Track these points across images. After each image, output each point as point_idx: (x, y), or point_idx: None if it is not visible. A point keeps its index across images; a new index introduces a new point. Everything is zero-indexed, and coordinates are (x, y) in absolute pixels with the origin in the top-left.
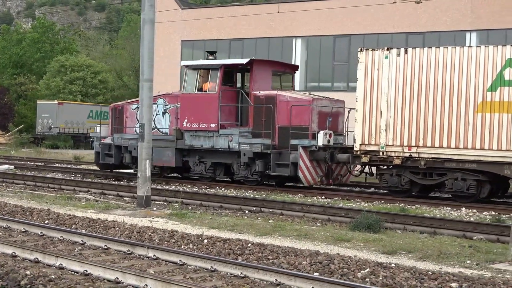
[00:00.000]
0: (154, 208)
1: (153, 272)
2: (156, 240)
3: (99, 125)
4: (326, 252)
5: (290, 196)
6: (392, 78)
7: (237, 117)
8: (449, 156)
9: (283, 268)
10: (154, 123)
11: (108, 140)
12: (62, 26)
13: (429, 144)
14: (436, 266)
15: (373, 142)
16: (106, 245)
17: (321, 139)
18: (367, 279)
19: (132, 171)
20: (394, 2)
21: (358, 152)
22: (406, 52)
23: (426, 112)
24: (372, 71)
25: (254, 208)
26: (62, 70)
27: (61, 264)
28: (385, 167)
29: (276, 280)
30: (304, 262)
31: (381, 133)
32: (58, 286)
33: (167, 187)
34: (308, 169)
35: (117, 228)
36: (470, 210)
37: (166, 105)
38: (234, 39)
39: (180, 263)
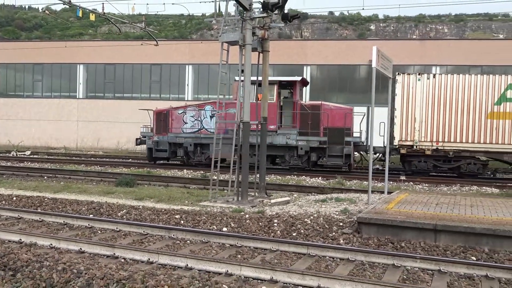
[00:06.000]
0: None
1: None
2: None
3: (144, 126)
4: (98, 201)
5: (76, 166)
6: (423, 94)
7: (292, 120)
8: (466, 148)
9: (68, 213)
10: (202, 125)
11: (155, 138)
12: None
13: (452, 140)
14: (167, 206)
15: (409, 139)
16: None
17: (363, 137)
18: (124, 217)
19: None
20: (141, 44)
21: (397, 146)
22: (434, 76)
23: (450, 118)
24: (408, 89)
25: (51, 175)
26: None
27: None
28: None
29: (64, 221)
30: (83, 209)
31: (415, 132)
32: None
33: None
34: (353, 158)
35: None
36: (189, 171)
37: (214, 111)
38: (36, 63)
39: None
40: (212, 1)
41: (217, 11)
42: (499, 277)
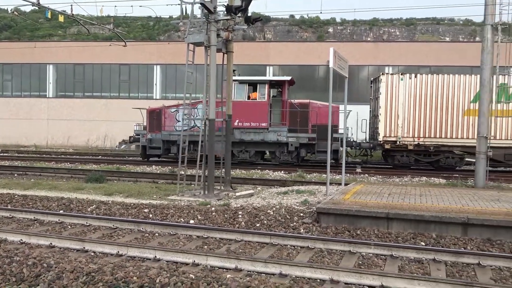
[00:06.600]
0: None
1: None
2: None
3: (137, 124)
4: (68, 197)
5: (46, 163)
6: (406, 93)
7: (281, 118)
8: (444, 143)
9: (39, 209)
10: (195, 122)
11: (148, 136)
12: None
13: (432, 136)
14: (136, 200)
15: (392, 135)
16: None
17: (349, 133)
18: (94, 212)
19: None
20: (110, 45)
21: (382, 142)
22: (415, 76)
23: (430, 115)
24: (391, 88)
25: (21, 172)
26: None
27: None
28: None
29: (34, 217)
30: (54, 205)
31: (398, 129)
32: None
33: None
34: (340, 153)
35: None
36: (157, 166)
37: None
38: (6, 63)
39: None
40: (179, 4)
41: (184, 14)
42: (445, 260)
